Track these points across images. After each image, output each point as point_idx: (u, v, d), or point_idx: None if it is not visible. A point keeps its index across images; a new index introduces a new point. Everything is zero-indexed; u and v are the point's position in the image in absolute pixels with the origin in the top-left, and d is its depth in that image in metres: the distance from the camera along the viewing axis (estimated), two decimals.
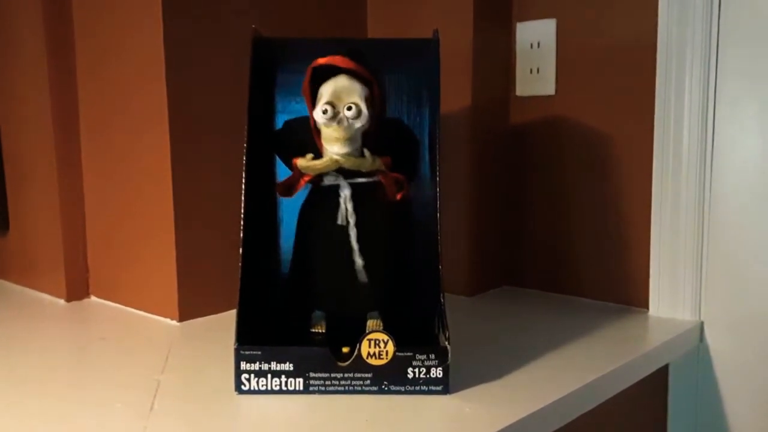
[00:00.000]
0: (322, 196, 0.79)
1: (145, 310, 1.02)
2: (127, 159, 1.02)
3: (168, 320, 0.98)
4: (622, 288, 1.06)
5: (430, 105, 0.86)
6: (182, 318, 0.97)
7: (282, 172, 0.83)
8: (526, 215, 1.16)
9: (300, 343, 0.74)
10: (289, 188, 0.79)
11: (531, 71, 1.12)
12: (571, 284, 1.11)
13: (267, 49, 0.83)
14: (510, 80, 1.14)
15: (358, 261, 0.77)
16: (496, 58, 1.12)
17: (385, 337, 0.71)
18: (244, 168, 0.76)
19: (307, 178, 0.78)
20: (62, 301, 1.09)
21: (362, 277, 0.77)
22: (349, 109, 0.73)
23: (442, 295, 0.75)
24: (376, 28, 1.19)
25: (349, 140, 0.74)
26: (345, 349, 0.73)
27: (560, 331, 0.93)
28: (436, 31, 0.82)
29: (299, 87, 0.79)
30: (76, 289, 1.09)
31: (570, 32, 1.07)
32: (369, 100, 0.75)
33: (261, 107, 0.84)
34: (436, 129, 0.79)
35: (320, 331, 0.80)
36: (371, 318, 0.80)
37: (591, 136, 1.07)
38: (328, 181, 0.78)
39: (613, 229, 1.06)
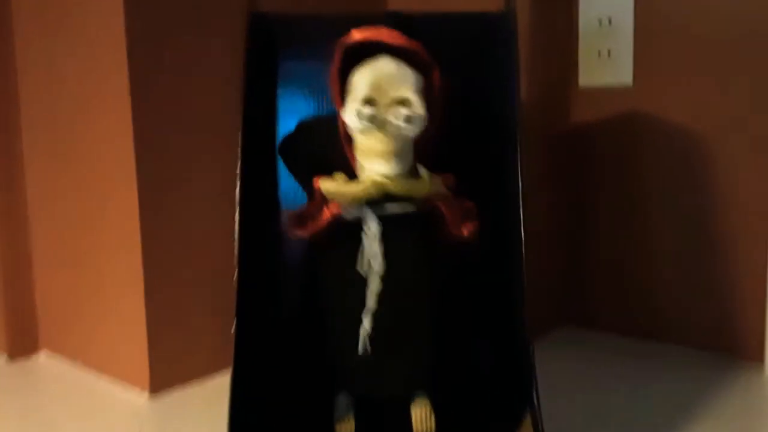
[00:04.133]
0: (341, 229, 0.62)
1: (108, 374, 0.91)
2: (84, 180, 0.92)
3: (137, 392, 0.87)
4: (726, 333, 0.95)
5: (503, 95, 0.71)
6: (154, 389, 0.87)
7: (285, 194, 0.71)
8: (594, 238, 1.06)
9: None
10: (304, 222, 0.62)
11: (599, 54, 1.01)
12: (654, 326, 1.01)
13: (267, 28, 0.73)
14: (572, 67, 1.05)
15: (365, 326, 0.61)
16: (554, 38, 1.03)
17: None
18: (238, 189, 0.65)
19: (334, 209, 0.60)
20: (3, 359, 0.99)
21: (366, 349, 0.62)
22: (398, 107, 0.58)
23: (531, 353, 0.62)
24: (397, 2, 1.08)
25: (398, 155, 0.58)
26: None
27: (649, 391, 0.83)
28: (510, 0, 0.67)
29: (308, 78, 0.70)
30: (21, 343, 0.99)
31: (653, 5, 0.97)
32: (425, 94, 0.60)
33: (260, 106, 0.72)
34: (515, 128, 0.66)
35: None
36: (417, 402, 0.65)
37: (679, 137, 0.97)
38: (349, 214, 0.60)
39: (709, 256, 0.95)
